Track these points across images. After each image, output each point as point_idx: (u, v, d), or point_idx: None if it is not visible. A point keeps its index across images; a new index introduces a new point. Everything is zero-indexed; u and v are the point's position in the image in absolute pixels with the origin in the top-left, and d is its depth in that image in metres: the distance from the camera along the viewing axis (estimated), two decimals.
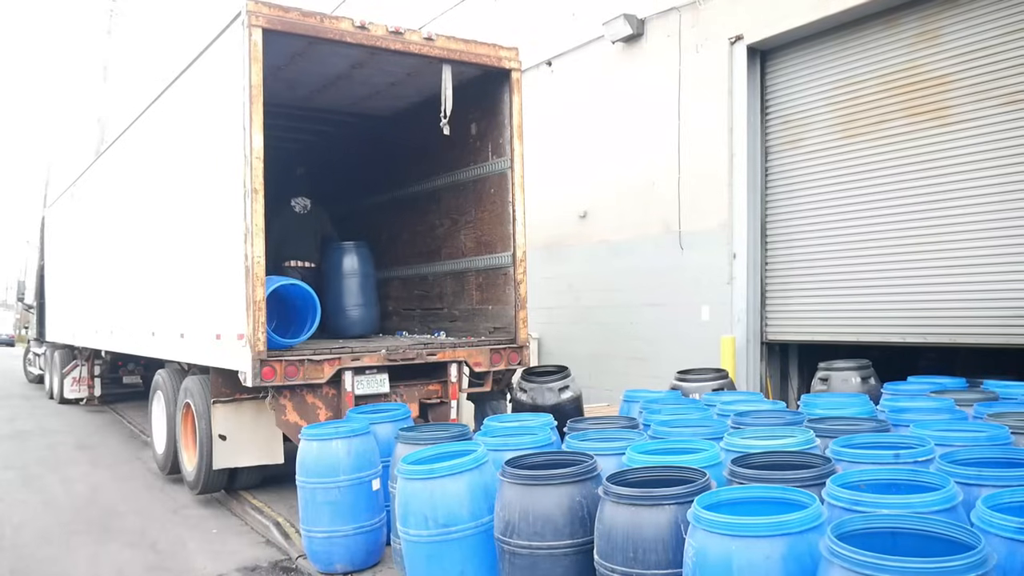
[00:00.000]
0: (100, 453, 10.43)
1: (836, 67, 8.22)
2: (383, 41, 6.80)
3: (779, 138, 8.77)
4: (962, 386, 6.49)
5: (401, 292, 9.70)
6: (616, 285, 10.29)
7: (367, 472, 5.38)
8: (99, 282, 11.61)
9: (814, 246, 8.43)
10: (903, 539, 2.78)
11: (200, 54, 7.35)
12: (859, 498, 3.06)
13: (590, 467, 3.83)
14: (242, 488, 7.68)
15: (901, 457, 3.63)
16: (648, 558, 3.27)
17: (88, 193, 12.69)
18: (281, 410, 6.47)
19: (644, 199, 9.90)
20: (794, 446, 4.04)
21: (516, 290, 7.54)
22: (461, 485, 4.18)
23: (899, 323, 7.68)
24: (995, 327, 7.01)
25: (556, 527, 3.70)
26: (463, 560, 4.16)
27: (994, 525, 2.75)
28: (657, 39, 9.78)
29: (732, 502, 3.24)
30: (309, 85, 8.18)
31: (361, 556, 5.43)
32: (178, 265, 8.00)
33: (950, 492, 3.04)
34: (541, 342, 11.53)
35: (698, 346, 9.01)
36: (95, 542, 6.51)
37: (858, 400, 5.68)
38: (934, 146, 7.43)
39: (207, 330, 7.04)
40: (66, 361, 15.45)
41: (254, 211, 6.16)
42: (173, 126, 8.32)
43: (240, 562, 5.94)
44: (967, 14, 7.19)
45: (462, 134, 8.02)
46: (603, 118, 10.58)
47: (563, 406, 7.09)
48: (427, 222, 9.01)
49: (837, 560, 2.49)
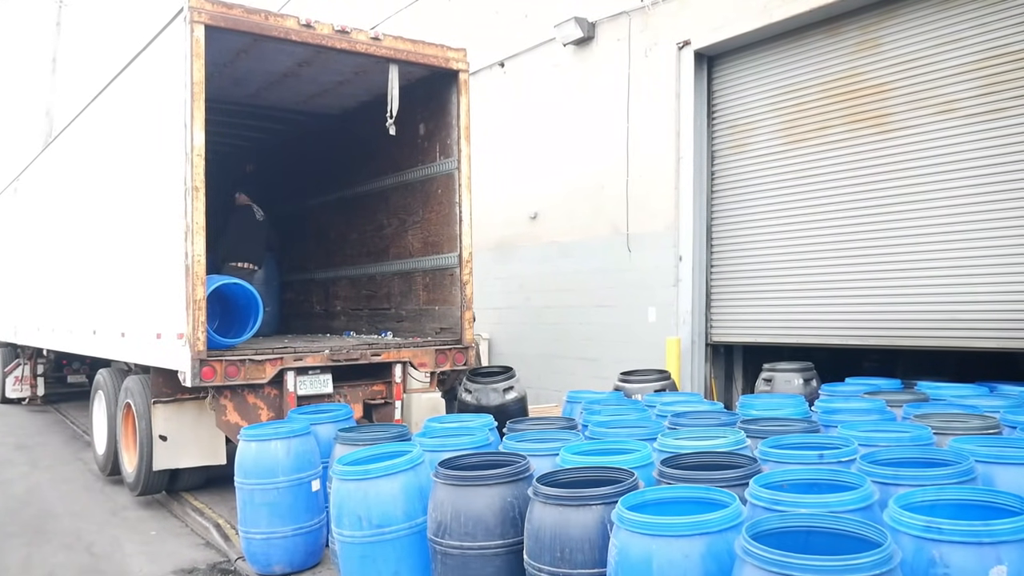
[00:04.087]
0: (40, 454, 10.20)
1: (780, 73, 8.36)
2: (329, 40, 6.77)
3: (725, 142, 8.90)
4: (897, 387, 6.66)
5: (349, 292, 9.64)
6: (566, 286, 10.35)
7: (307, 473, 5.35)
8: (41, 279, 11.37)
9: (758, 249, 8.57)
10: (817, 537, 2.84)
11: (143, 49, 7.24)
12: (779, 498, 3.13)
13: (522, 468, 3.85)
14: (184, 489, 7.58)
15: (825, 457, 3.72)
16: (575, 557, 3.31)
17: (31, 188, 12.41)
18: (221, 410, 6.40)
19: (593, 200, 9.97)
20: (724, 447, 4.11)
21: (462, 291, 7.54)
22: (395, 486, 4.19)
23: (840, 325, 7.84)
24: (932, 330, 7.19)
25: (487, 527, 3.72)
26: (397, 560, 4.17)
27: (903, 524, 2.82)
28: (607, 43, 9.86)
29: (657, 502, 3.29)
30: (255, 82, 8.10)
31: (300, 557, 5.40)
32: (119, 263, 7.87)
33: (866, 491, 3.12)
34: (492, 342, 11.54)
35: (645, 347, 9.10)
36: (29, 544, 6.37)
37: (793, 401, 5.79)
38: (874, 152, 7.60)
39: (147, 329, 6.94)
40: (8, 360, 15.05)
41: (195, 209, 6.09)
42: (115, 122, 8.18)
43: (178, 564, 5.86)
44: (906, 24, 7.37)
45: (410, 134, 8.01)
46: (554, 120, 10.63)
47: (508, 407, 7.12)
48: (375, 222, 8.98)
49: (749, 558, 2.55)
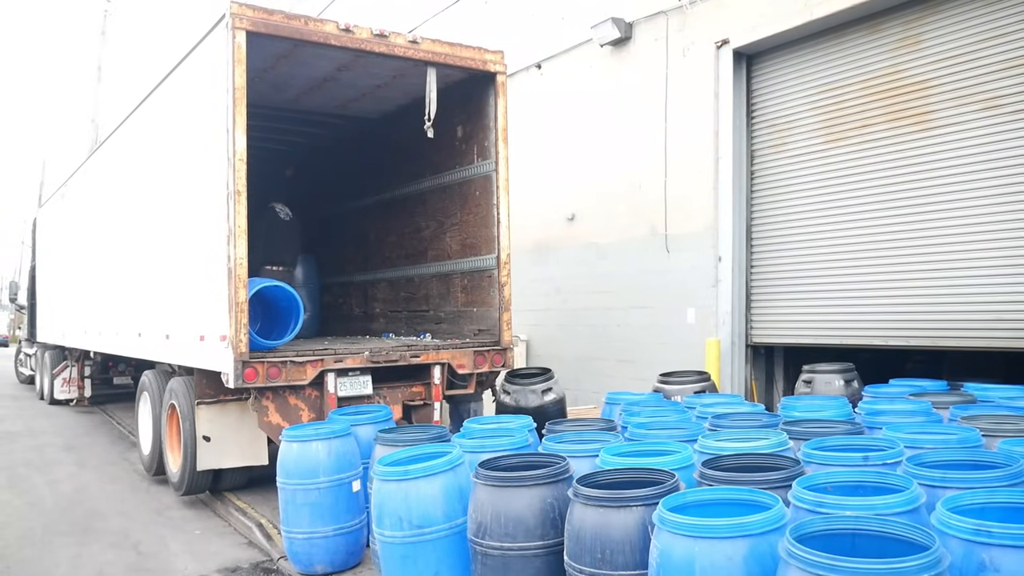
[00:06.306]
0: (87, 454, 10.42)
1: (820, 71, 8.26)
2: (368, 44, 6.83)
3: (764, 141, 8.81)
4: (943, 389, 6.53)
5: (388, 294, 9.71)
6: (604, 287, 10.31)
7: (347, 473, 5.40)
8: (88, 283, 11.62)
9: (799, 249, 8.47)
10: (863, 540, 2.80)
11: (185, 56, 7.37)
12: (823, 500, 3.07)
13: (562, 469, 3.84)
14: (227, 489, 7.69)
15: (870, 459, 3.66)
16: (616, 559, 3.30)
17: (78, 194, 12.70)
18: (263, 411, 6.48)
19: (631, 202, 9.93)
20: (766, 448, 4.06)
21: (500, 292, 7.56)
22: (435, 487, 4.20)
23: (882, 326, 7.72)
24: (977, 330, 7.05)
25: (527, 528, 3.72)
26: (437, 561, 4.18)
27: (951, 527, 2.77)
28: (644, 43, 9.82)
29: (699, 504, 3.27)
30: (295, 87, 8.20)
31: (341, 557, 5.45)
32: (163, 266, 8.02)
33: (913, 494, 3.06)
34: (530, 344, 11.54)
35: (684, 349, 9.04)
36: (78, 543, 6.51)
37: (836, 403, 5.71)
38: (917, 149, 7.47)
39: (191, 331, 7.05)
40: (56, 362, 15.41)
41: (237, 213, 6.18)
42: (159, 128, 8.34)
43: (221, 563, 5.95)
44: (948, 19, 7.24)
45: (448, 137, 8.04)
46: (591, 120, 10.61)
47: (546, 408, 7.11)
48: (413, 224, 9.03)
49: (793, 561, 2.52)
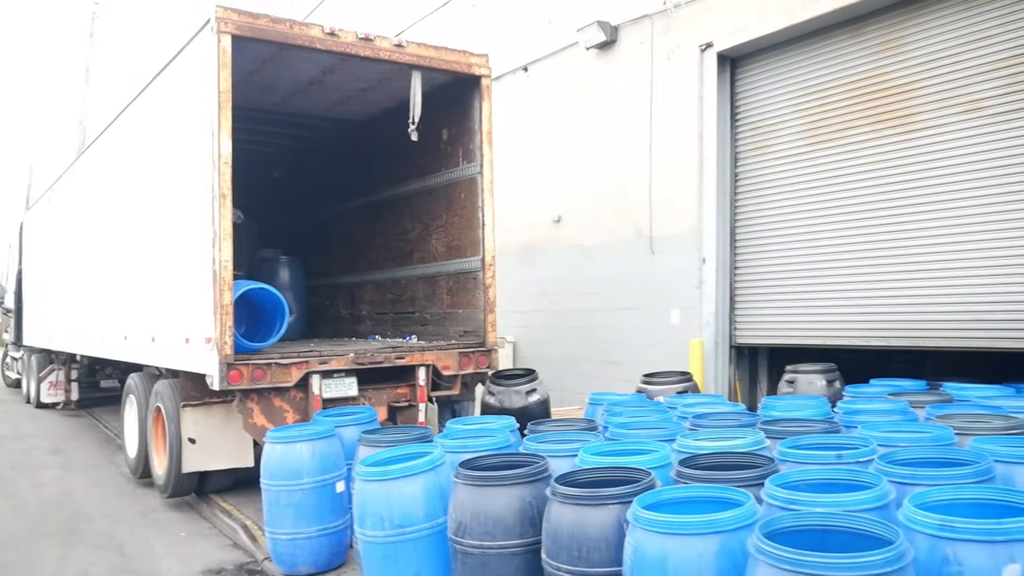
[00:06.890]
0: (73, 458, 10.40)
1: (804, 74, 8.33)
2: (353, 48, 6.86)
3: (748, 144, 8.88)
4: (922, 388, 6.60)
5: (374, 296, 9.74)
6: (590, 289, 10.37)
7: (331, 474, 5.43)
8: (74, 286, 11.60)
9: (782, 250, 8.53)
10: (831, 536, 2.86)
11: (171, 60, 7.39)
12: (794, 497, 3.13)
13: (540, 468, 3.89)
14: (213, 491, 7.70)
15: (843, 457, 3.72)
16: (592, 556, 3.35)
17: (64, 197, 12.68)
18: (248, 413, 6.50)
19: (617, 204, 9.99)
20: (743, 447, 4.12)
21: (485, 294, 7.60)
22: (416, 486, 4.24)
23: (865, 327, 7.79)
24: (958, 330, 7.12)
25: (506, 527, 3.77)
26: (418, 560, 4.22)
27: (917, 522, 2.82)
28: (630, 46, 9.88)
29: (673, 501, 3.31)
30: (281, 90, 8.23)
31: (325, 557, 5.48)
32: (149, 269, 8.03)
33: (882, 491, 3.12)
34: (517, 346, 11.59)
35: (669, 349, 9.09)
36: (63, 545, 6.52)
37: (815, 402, 5.78)
38: (899, 152, 7.55)
39: (176, 334, 7.07)
40: (43, 365, 15.35)
41: (222, 216, 6.21)
42: (145, 131, 8.35)
43: (206, 565, 5.96)
44: (929, 23, 7.32)
45: (433, 139, 8.09)
46: (577, 123, 10.66)
47: (530, 409, 7.16)
48: (399, 226, 9.07)
49: (761, 556, 2.57)
